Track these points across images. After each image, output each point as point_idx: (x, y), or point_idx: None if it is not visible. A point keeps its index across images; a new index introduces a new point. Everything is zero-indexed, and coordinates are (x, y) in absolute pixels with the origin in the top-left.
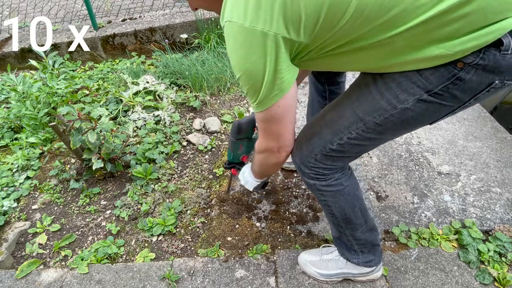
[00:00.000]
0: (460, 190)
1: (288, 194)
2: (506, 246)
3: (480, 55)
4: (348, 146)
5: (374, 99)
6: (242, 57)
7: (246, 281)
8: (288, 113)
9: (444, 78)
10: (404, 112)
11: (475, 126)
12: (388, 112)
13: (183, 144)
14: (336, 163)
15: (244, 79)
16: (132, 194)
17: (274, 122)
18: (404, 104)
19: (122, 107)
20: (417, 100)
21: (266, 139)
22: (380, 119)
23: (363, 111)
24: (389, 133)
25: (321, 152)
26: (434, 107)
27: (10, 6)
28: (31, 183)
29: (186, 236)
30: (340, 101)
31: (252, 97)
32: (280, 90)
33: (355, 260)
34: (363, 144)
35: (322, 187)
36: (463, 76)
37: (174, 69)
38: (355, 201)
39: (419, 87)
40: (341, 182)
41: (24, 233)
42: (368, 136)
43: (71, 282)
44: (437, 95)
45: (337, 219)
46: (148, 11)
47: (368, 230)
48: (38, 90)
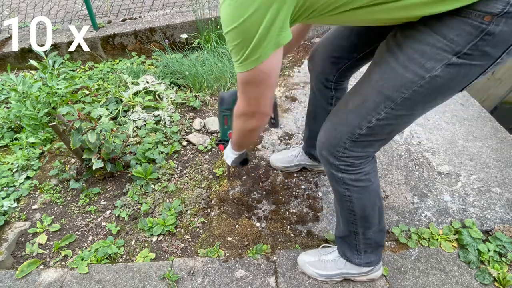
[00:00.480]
0: (460, 190)
1: (288, 194)
2: (506, 246)
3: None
4: (378, 128)
5: (398, 73)
6: (236, 10)
7: (246, 281)
8: (269, 77)
9: (472, 36)
10: (434, 81)
11: (475, 126)
12: (417, 84)
13: (183, 144)
14: (367, 149)
15: (234, 33)
16: (132, 194)
17: (253, 85)
18: (433, 72)
19: (122, 107)
20: (446, 65)
21: (243, 102)
22: (408, 93)
23: (388, 88)
24: (419, 106)
25: (350, 139)
26: (465, 69)
27: (10, 6)
28: (31, 183)
29: (186, 236)
30: (360, 86)
31: (237, 54)
32: (268, 49)
33: (357, 260)
34: (394, 123)
35: (350, 181)
36: (493, 30)
37: (174, 69)
38: (377, 199)
39: (446, 51)
40: (370, 178)
41: (24, 233)
42: (398, 114)
43: (71, 282)
44: (466, 56)
45: (355, 216)
46: (148, 11)
47: (379, 231)
48: (38, 90)
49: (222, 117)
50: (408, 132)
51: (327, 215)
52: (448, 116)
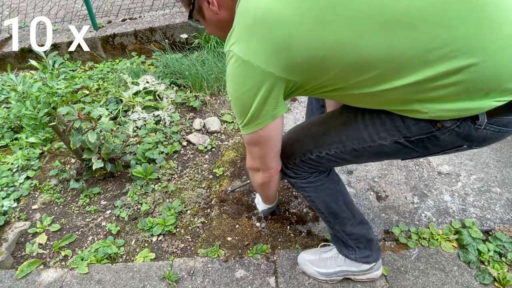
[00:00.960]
0: (460, 190)
1: (288, 194)
2: (506, 246)
3: (458, 124)
4: (325, 159)
5: (358, 129)
6: (235, 85)
7: (246, 281)
8: (268, 142)
9: (423, 131)
10: (381, 147)
11: None
12: (367, 143)
13: (183, 144)
14: (312, 169)
15: (234, 103)
16: (132, 194)
17: (256, 146)
18: (382, 141)
19: (122, 107)
20: (394, 141)
21: (249, 159)
22: (358, 146)
23: (346, 136)
24: (363, 159)
25: (300, 158)
26: (407, 150)
27: (10, 6)
28: (31, 183)
29: (186, 236)
30: (328, 119)
31: (239, 119)
32: (264, 120)
33: (353, 255)
34: (338, 161)
35: (302, 184)
36: (439, 135)
37: (174, 69)
38: (337, 194)
39: (399, 131)
40: (321, 178)
41: (24, 233)
42: (344, 157)
43: (71, 282)
44: (412, 142)
45: (324, 214)
46: (148, 11)
47: (358, 224)
48: (38, 90)
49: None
50: None
51: None
52: None
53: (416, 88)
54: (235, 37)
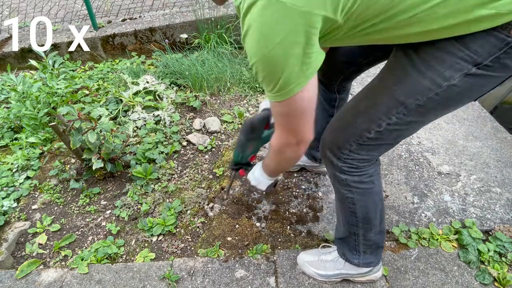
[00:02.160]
0: (460, 190)
1: (288, 194)
2: (506, 246)
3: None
4: (386, 132)
5: (415, 80)
6: (264, 38)
7: (246, 281)
8: (310, 104)
9: (496, 48)
10: (450, 90)
11: (475, 126)
12: (433, 92)
13: (183, 144)
14: (372, 152)
15: (261, 64)
16: (132, 194)
17: (294, 116)
18: (450, 81)
19: (122, 107)
20: (465, 74)
21: (285, 134)
22: (423, 100)
23: (403, 94)
24: (432, 113)
25: (356, 142)
26: (483, 80)
27: (10, 6)
28: (31, 183)
29: (186, 236)
30: (371, 88)
31: (269, 85)
32: (303, 79)
33: (356, 261)
34: (403, 129)
35: (353, 183)
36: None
37: (174, 69)
38: (379, 201)
39: (466, 61)
40: (373, 180)
41: (24, 233)
42: (409, 120)
43: (71, 282)
44: (486, 67)
45: (357, 218)
46: (148, 11)
47: (379, 232)
48: (38, 90)
49: (247, 144)
50: None
51: (327, 215)
52: (448, 116)
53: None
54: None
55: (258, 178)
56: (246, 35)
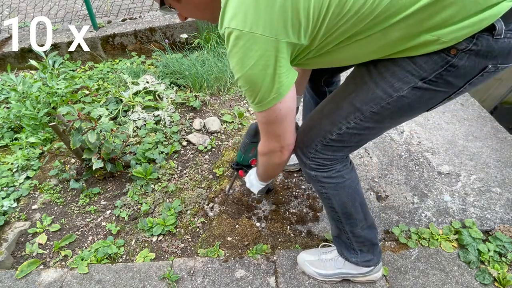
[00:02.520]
0: (460, 190)
1: (288, 194)
2: (506, 246)
3: (473, 41)
4: (347, 135)
5: (370, 89)
6: (240, 61)
7: (246, 281)
8: (287, 115)
9: (438, 65)
10: (400, 100)
11: (475, 126)
12: (384, 101)
13: (183, 144)
14: (337, 153)
15: (242, 81)
16: (132, 194)
17: (274, 124)
18: (400, 92)
19: (122, 107)
20: (412, 87)
21: (268, 140)
22: (376, 108)
23: (359, 101)
24: (387, 121)
25: (321, 142)
26: (429, 93)
27: (10, 6)
28: (31, 183)
29: (186, 236)
30: (336, 94)
31: (250, 98)
32: (279, 94)
33: (354, 259)
34: (362, 133)
35: (323, 178)
36: (456, 63)
37: (174, 69)
38: (355, 194)
39: (413, 75)
40: (343, 175)
41: (24, 233)
42: (366, 125)
43: (71, 282)
44: (431, 82)
45: (337, 213)
46: (148, 11)
47: (368, 227)
48: (38, 90)
49: (250, 147)
50: (408, 132)
51: (327, 215)
52: (448, 116)
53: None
54: (230, 11)
55: (251, 181)
56: (228, 57)
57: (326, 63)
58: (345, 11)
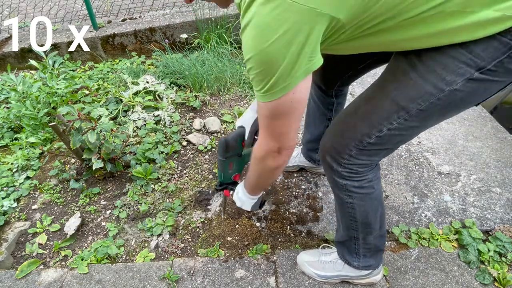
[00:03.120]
0: (460, 190)
1: (288, 194)
2: (506, 246)
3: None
4: (387, 137)
5: (416, 84)
6: (261, 34)
7: (246, 281)
8: (297, 108)
9: (499, 52)
10: (452, 94)
11: (475, 126)
12: (435, 96)
13: (183, 144)
14: (373, 157)
15: (256, 60)
16: (132, 194)
17: (280, 119)
18: (453, 86)
19: (122, 107)
20: (467, 79)
21: (267, 139)
22: (425, 105)
23: (404, 99)
24: (434, 118)
25: (357, 147)
26: (486, 84)
27: (10, 6)
28: (31, 183)
29: (186, 236)
30: (372, 92)
31: (260, 83)
32: (294, 80)
33: (356, 263)
34: (404, 134)
35: (353, 188)
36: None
37: (174, 69)
38: (379, 205)
39: (469, 65)
40: (373, 185)
41: (24, 233)
42: (410, 125)
43: (71, 282)
44: (490, 72)
45: (356, 223)
46: (148, 11)
47: (380, 236)
48: (38, 90)
49: (227, 164)
50: None
51: (327, 215)
52: None
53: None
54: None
55: (241, 198)
56: (244, 30)
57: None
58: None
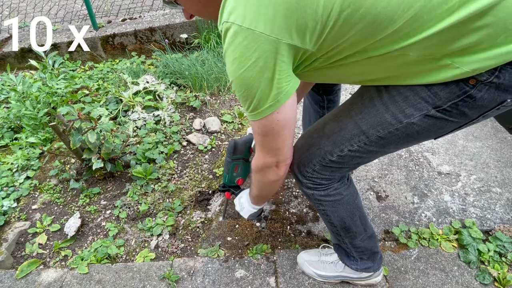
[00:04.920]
0: (460, 190)
1: (288, 194)
2: (506, 246)
3: (496, 73)
4: (348, 158)
5: (379, 112)
6: (236, 61)
7: (246, 281)
8: (285, 126)
9: (454, 94)
10: (410, 127)
11: (475, 126)
12: (393, 126)
13: (183, 144)
14: (334, 173)
15: (236, 84)
16: (132, 194)
17: (271, 136)
18: (410, 119)
19: (122, 107)
20: (424, 115)
21: (263, 154)
22: (384, 133)
23: (366, 124)
24: (392, 146)
25: (320, 163)
26: (441, 122)
27: (10, 6)
28: (31, 183)
29: (186, 236)
30: (340, 113)
31: (244, 104)
32: (276, 101)
33: (354, 266)
34: (364, 157)
35: (320, 197)
36: (474, 94)
37: (174, 69)
38: (354, 210)
39: (427, 102)
40: (340, 192)
41: (24, 233)
42: (369, 149)
43: (71, 282)
44: (445, 111)
45: (336, 228)
46: (148, 11)
47: (368, 238)
48: (38, 90)
49: (232, 165)
50: None
51: None
52: None
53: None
54: (231, 4)
55: (242, 204)
56: (224, 56)
57: (332, 77)
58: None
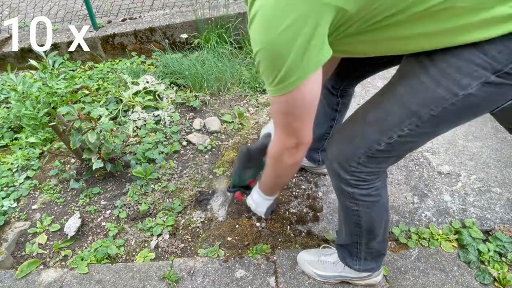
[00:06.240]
0: (460, 190)
1: (288, 194)
2: (506, 246)
3: None
4: (397, 144)
5: (429, 89)
6: (268, 25)
7: (246, 281)
8: (310, 102)
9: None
10: (467, 99)
11: (475, 126)
12: (448, 101)
13: (183, 144)
14: (381, 165)
15: (264, 54)
16: (132, 194)
17: (293, 113)
18: (467, 90)
19: (122, 107)
20: (483, 83)
21: (284, 136)
22: (437, 110)
23: (416, 104)
24: (445, 124)
25: (365, 154)
26: (502, 89)
27: (10, 6)
28: (31, 183)
29: (186, 236)
30: (381, 97)
31: (270, 77)
32: (304, 72)
33: (356, 266)
34: (415, 141)
35: (361, 196)
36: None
37: (174, 69)
38: (385, 213)
39: (485, 68)
40: (380, 193)
41: (24, 233)
42: (422, 131)
43: (71, 282)
44: (506, 75)
45: (361, 229)
46: (148, 11)
47: (383, 241)
48: (38, 90)
49: (244, 171)
50: None
51: (327, 215)
52: None
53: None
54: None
55: (256, 199)
56: (252, 23)
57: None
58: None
